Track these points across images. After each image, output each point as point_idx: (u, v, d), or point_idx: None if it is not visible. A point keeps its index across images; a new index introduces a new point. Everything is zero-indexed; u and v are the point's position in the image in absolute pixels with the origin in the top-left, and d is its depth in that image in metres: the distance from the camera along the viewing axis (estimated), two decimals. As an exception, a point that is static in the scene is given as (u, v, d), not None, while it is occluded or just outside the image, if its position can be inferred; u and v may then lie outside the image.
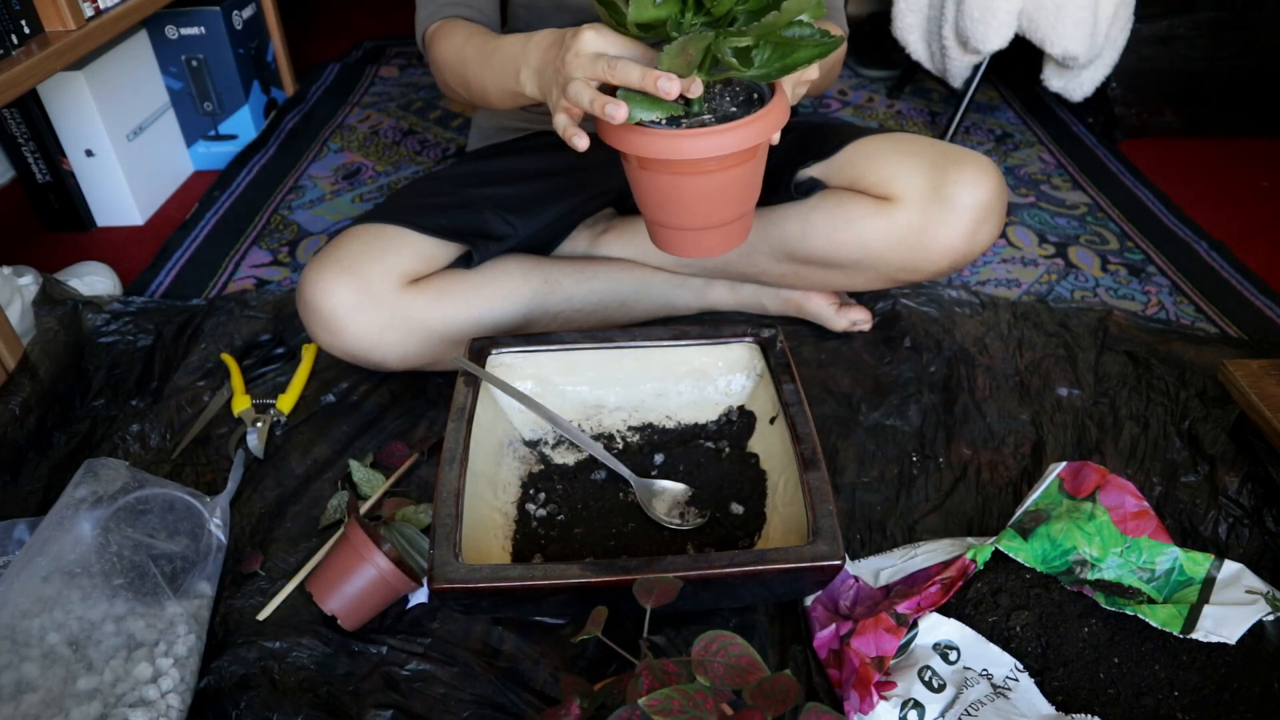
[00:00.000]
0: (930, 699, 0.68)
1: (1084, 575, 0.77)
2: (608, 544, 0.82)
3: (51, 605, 0.73)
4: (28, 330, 1.11)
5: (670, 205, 0.77)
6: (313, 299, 0.93)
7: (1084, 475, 0.83)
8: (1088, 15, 1.46)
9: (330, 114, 1.86)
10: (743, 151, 0.72)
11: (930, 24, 1.64)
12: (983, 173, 0.96)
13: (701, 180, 0.74)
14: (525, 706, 0.73)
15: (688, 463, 0.89)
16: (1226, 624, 0.71)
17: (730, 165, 0.73)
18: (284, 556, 0.87)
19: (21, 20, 1.09)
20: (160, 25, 1.54)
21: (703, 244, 0.80)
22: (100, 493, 0.81)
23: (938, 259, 0.99)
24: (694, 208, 0.77)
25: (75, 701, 0.68)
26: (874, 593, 0.78)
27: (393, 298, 0.93)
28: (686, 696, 0.52)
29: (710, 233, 0.79)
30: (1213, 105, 1.71)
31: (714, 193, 0.76)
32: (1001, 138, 1.74)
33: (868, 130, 1.05)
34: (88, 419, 1.03)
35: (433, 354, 0.99)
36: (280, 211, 1.51)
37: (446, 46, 0.94)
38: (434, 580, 0.68)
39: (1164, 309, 1.24)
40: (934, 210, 0.96)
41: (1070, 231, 1.43)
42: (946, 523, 0.91)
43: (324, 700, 0.74)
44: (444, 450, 0.78)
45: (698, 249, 0.81)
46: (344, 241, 0.96)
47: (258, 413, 1.03)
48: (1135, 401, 1.04)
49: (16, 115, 1.35)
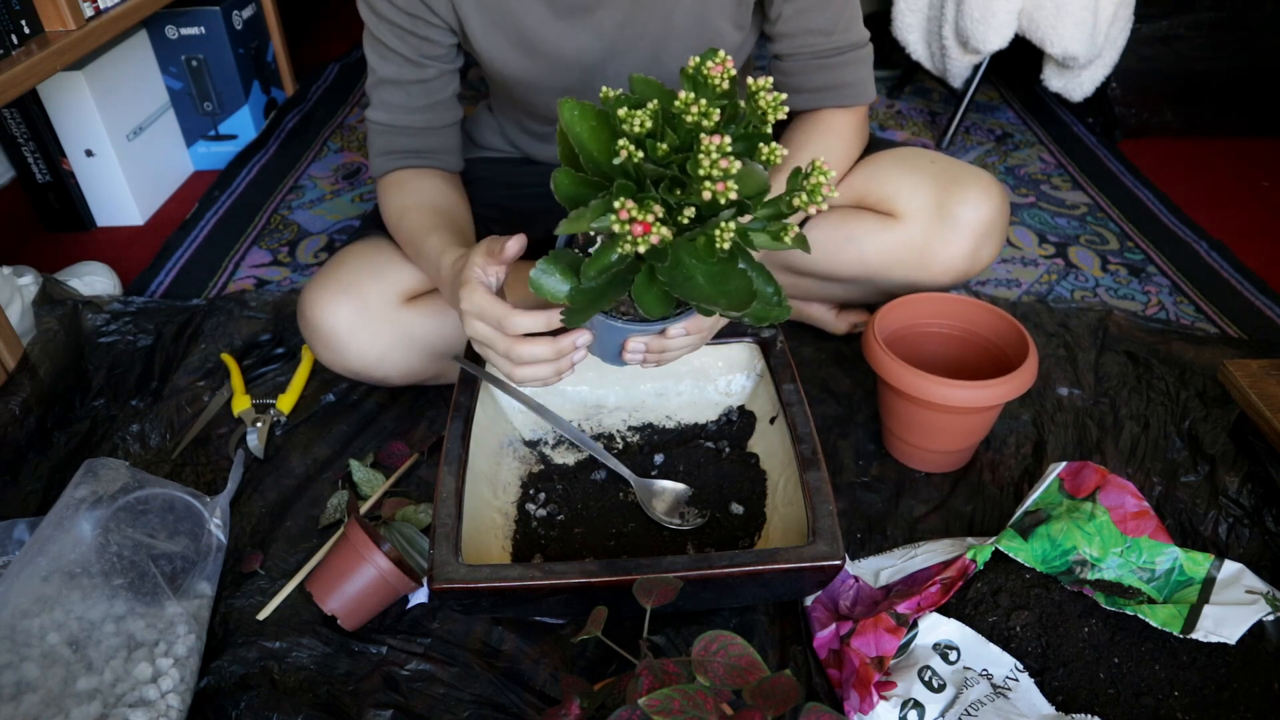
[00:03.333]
0: (930, 699, 0.68)
1: (1084, 575, 0.77)
2: (608, 544, 0.82)
3: (51, 605, 0.73)
4: (28, 330, 1.11)
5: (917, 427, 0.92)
6: (313, 318, 0.93)
7: (1084, 475, 0.83)
8: (1088, 15, 1.46)
9: (330, 114, 1.86)
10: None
11: (930, 24, 1.64)
12: (985, 192, 0.96)
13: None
14: (525, 706, 0.73)
15: (688, 463, 0.89)
16: (1226, 624, 0.71)
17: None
18: (284, 556, 0.87)
19: (21, 20, 1.09)
20: (160, 25, 1.54)
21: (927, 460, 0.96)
22: (100, 493, 0.81)
23: (939, 276, 0.99)
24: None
25: (75, 701, 0.68)
26: (874, 593, 0.78)
27: (392, 316, 0.93)
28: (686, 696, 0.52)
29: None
30: (1213, 105, 1.71)
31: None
32: (1001, 138, 1.74)
33: (874, 145, 1.05)
34: (88, 419, 1.03)
35: (435, 369, 0.99)
36: (280, 211, 1.51)
37: (388, 206, 0.93)
38: (434, 580, 0.68)
39: (1164, 309, 1.24)
40: (936, 228, 0.96)
41: (1070, 231, 1.43)
42: (946, 523, 0.91)
43: (324, 700, 0.74)
44: (444, 450, 0.78)
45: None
46: (343, 259, 0.95)
47: (258, 413, 1.03)
48: (1135, 401, 1.04)
49: (16, 115, 1.35)
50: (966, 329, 0.98)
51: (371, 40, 0.90)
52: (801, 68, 0.93)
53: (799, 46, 0.92)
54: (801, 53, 0.92)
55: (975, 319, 0.97)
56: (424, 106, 0.92)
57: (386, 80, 0.91)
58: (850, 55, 0.93)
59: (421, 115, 0.93)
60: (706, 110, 0.59)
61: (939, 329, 0.99)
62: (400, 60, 0.90)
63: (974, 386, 0.85)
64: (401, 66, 0.90)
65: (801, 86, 0.95)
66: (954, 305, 0.98)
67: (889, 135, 1.77)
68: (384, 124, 0.93)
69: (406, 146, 0.94)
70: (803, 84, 0.95)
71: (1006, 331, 0.94)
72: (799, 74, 0.94)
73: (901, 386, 0.87)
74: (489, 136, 1.10)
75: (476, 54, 0.92)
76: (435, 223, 0.87)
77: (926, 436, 0.92)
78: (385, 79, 0.91)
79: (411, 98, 0.92)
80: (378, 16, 0.88)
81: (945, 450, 0.94)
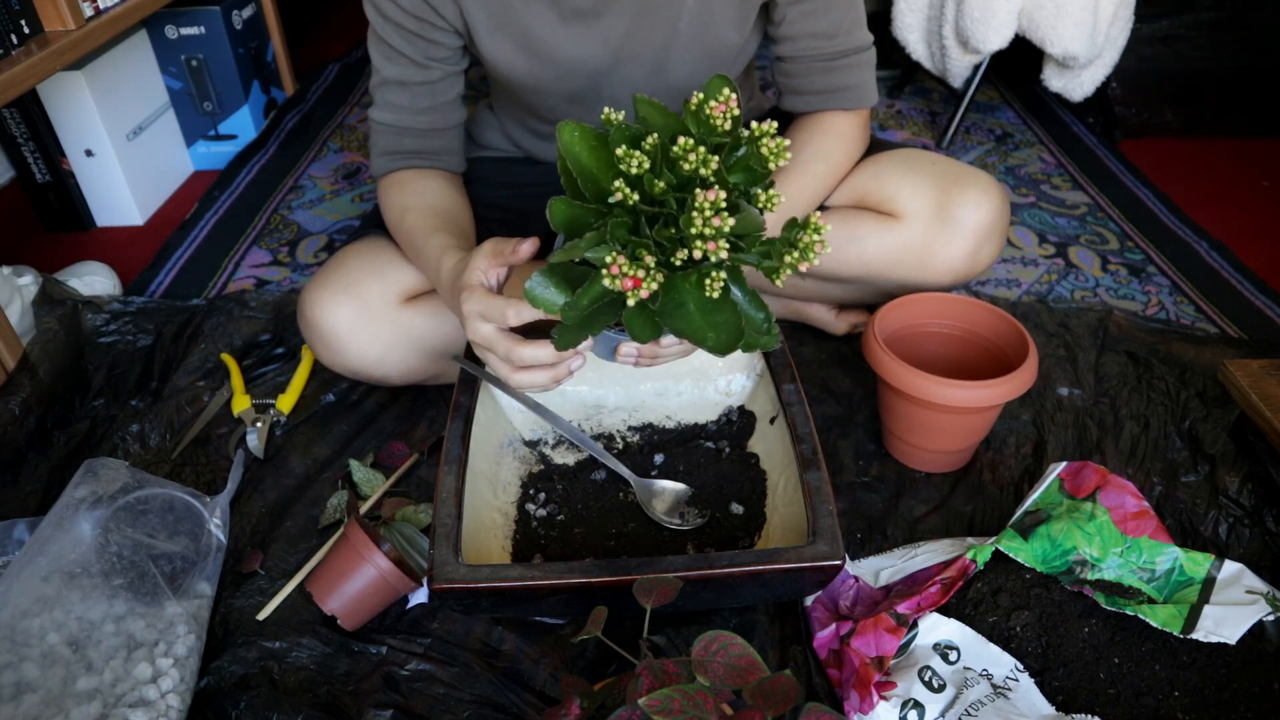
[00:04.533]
0: (930, 699, 0.68)
1: (1084, 575, 0.77)
2: (608, 544, 0.82)
3: (51, 605, 0.73)
4: (28, 330, 1.11)
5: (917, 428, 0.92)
6: (313, 318, 0.93)
7: (1084, 475, 0.83)
8: (1088, 15, 1.46)
9: (330, 114, 1.86)
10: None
11: (930, 24, 1.64)
12: (986, 193, 0.96)
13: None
14: (525, 706, 0.73)
15: (688, 463, 0.89)
16: (1226, 624, 0.71)
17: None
18: (284, 556, 0.87)
19: (21, 20, 1.09)
20: (160, 25, 1.54)
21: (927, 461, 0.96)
22: (100, 493, 0.81)
23: (939, 277, 0.99)
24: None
25: (75, 701, 0.68)
26: (874, 593, 0.78)
27: (392, 316, 0.93)
28: (686, 696, 0.52)
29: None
30: (1213, 105, 1.71)
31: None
32: (1001, 138, 1.74)
33: (875, 146, 1.05)
34: (88, 419, 1.03)
35: (435, 369, 0.99)
36: (280, 211, 1.50)
37: (389, 206, 0.93)
38: (434, 580, 0.68)
39: (1164, 309, 1.24)
40: (937, 229, 0.96)
41: (1070, 231, 1.43)
42: (946, 523, 0.91)
43: (324, 700, 0.73)
44: (444, 450, 0.78)
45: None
46: (343, 259, 0.95)
47: (258, 413, 1.03)
48: (1135, 401, 1.04)
49: (16, 115, 1.35)
50: (966, 329, 0.98)
51: (376, 40, 0.90)
52: (804, 70, 0.94)
53: (802, 49, 0.92)
54: (804, 55, 0.93)
55: (975, 319, 0.97)
56: (428, 108, 0.92)
57: (391, 81, 0.91)
58: (853, 59, 0.93)
59: (425, 117, 0.93)
60: (704, 159, 0.59)
61: (939, 329, 0.99)
62: (405, 62, 0.90)
63: (974, 386, 0.85)
64: (406, 68, 0.90)
65: (804, 89, 0.95)
66: (954, 305, 0.98)
67: (889, 135, 1.77)
68: (387, 124, 0.93)
69: (409, 147, 0.93)
70: (805, 86, 0.95)
71: (1006, 331, 0.94)
72: (801, 76, 0.94)
73: (901, 386, 0.88)
74: (490, 136, 1.10)
75: (482, 57, 0.92)
76: (436, 224, 0.87)
77: (926, 436, 0.92)
78: (389, 79, 0.91)
79: (416, 99, 0.92)
80: (383, 18, 0.88)
81: (945, 450, 0.94)
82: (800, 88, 0.95)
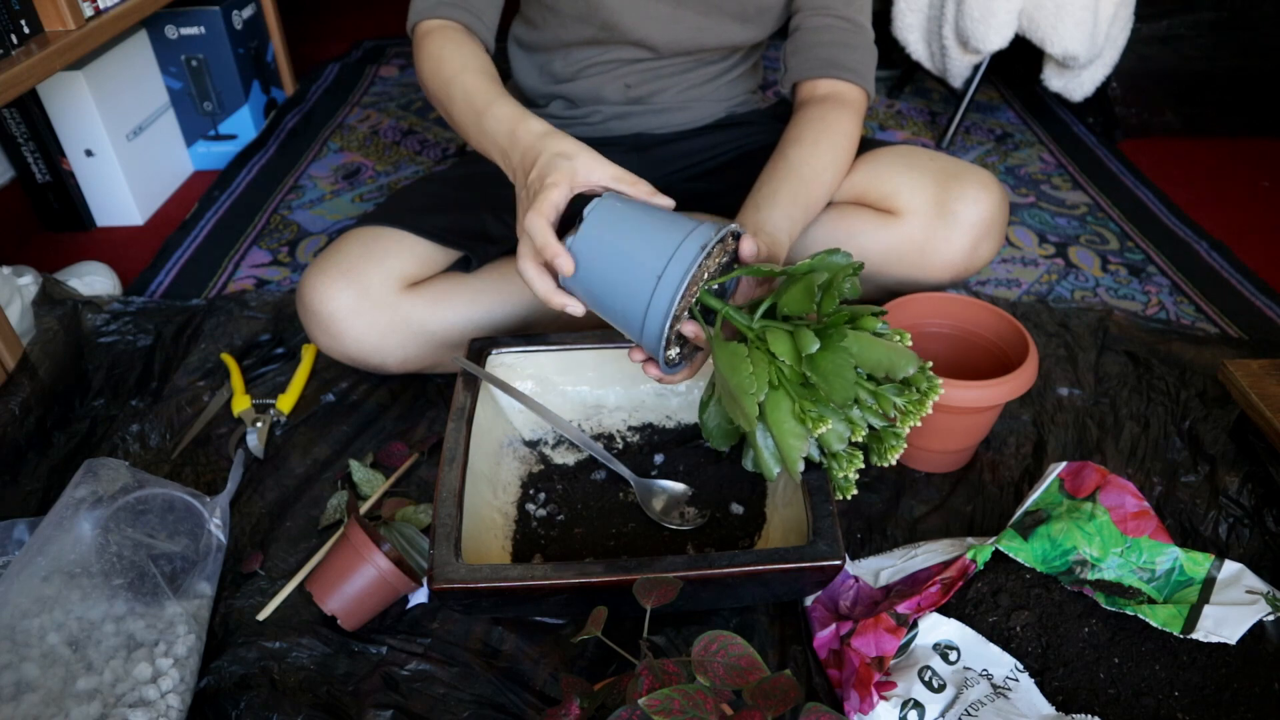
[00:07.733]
0: (930, 699, 0.68)
1: (1084, 575, 0.77)
2: (608, 544, 0.82)
3: (51, 605, 0.73)
4: (28, 330, 1.11)
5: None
6: (312, 303, 0.93)
7: (1084, 475, 0.83)
8: (1088, 15, 1.46)
9: (330, 114, 1.86)
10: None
11: (930, 24, 1.64)
12: (985, 189, 0.96)
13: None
14: (525, 706, 0.73)
15: (688, 463, 0.89)
16: (1227, 624, 0.71)
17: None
18: (284, 556, 0.87)
19: (21, 20, 1.09)
20: (160, 25, 1.54)
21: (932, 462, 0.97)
22: (100, 493, 0.81)
23: (938, 273, 0.99)
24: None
25: (75, 701, 0.68)
26: (874, 593, 0.78)
27: (392, 301, 0.93)
28: (686, 696, 0.52)
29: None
30: (1213, 105, 1.71)
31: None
32: (1001, 138, 1.74)
33: (872, 143, 1.05)
34: (88, 419, 1.03)
35: (433, 357, 0.99)
36: (280, 211, 1.51)
37: (433, 62, 0.90)
38: (434, 580, 0.68)
39: (1164, 309, 1.24)
40: (936, 225, 0.96)
41: (1070, 231, 1.43)
42: (946, 523, 0.91)
43: (324, 700, 0.73)
44: (444, 450, 0.78)
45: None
46: (343, 245, 0.95)
47: (258, 413, 1.03)
48: (1135, 401, 1.04)
49: (16, 115, 1.35)
50: (966, 329, 0.98)
51: None
52: (814, 41, 0.97)
53: (820, 22, 0.97)
54: (821, 26, 0.97)
55: (975, 319, 0.97)
56: None
57: None
58: (863, 38, 0.98)
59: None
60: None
61: (939, 329, 0.99)
62: None
63: (974, 386, 0.85)
64: None
65: (813, 56, 0.98)
66: (954, 305, 0.98)
67: (889, 135, 1.77)
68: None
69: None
70: (815, 55, 0.98)
71: (1006, 331, 0.94)
72: (812, 47, 0.97)
73: None
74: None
75: None
76: (501, 91, 0.85)
77: (926, 436, 0.92)
78: None
79: None
80: None
81: (945, 450, 0.94)
82: (812, 53, 0.98)
